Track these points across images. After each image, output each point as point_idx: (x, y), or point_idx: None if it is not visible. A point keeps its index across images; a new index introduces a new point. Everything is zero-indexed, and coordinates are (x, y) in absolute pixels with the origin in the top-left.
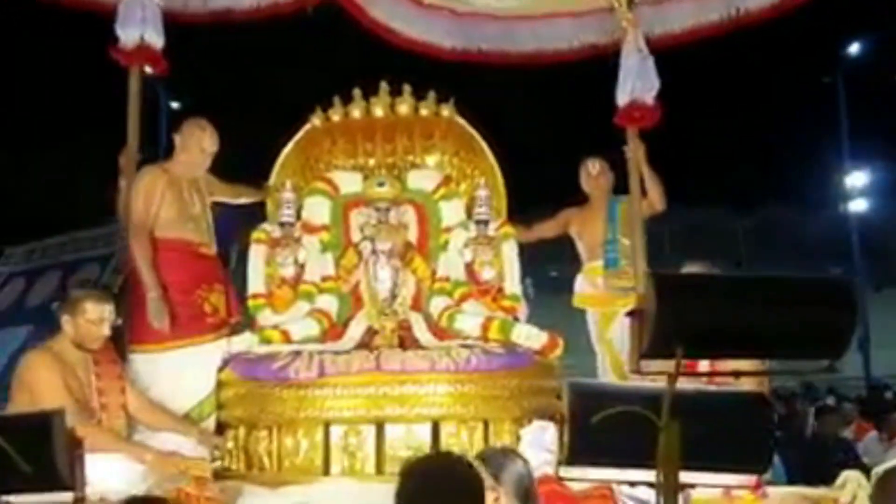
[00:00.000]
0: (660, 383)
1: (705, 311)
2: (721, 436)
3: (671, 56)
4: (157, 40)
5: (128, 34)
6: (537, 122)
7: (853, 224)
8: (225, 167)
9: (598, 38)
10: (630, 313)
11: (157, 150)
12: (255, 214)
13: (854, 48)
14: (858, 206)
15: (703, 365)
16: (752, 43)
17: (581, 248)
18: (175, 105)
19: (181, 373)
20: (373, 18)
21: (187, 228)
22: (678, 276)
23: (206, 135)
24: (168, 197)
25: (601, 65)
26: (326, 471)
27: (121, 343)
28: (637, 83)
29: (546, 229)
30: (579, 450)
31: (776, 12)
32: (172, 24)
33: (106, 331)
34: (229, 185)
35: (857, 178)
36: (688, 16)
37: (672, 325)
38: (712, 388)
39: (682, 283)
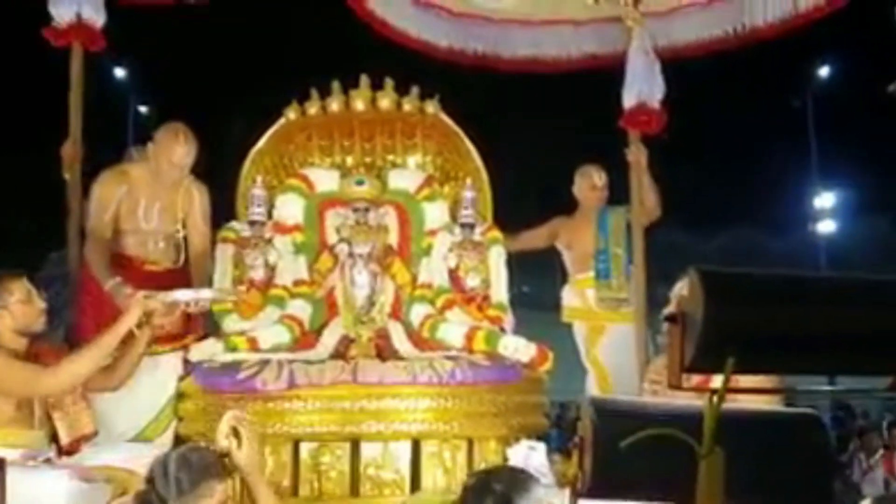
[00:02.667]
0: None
1: (765, 315)
2: (771, 465)
3: None
4: (96, 17)
5: (61, 11)
6: (519, 127)
7: (821, 245)
8: (201, 168)
9: (598, 48)
10: (669, 318)
11: (123, 156)
12: (224, 213)
13: (823, 71)
14: (827, 227)
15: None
16: (722, 64)
17: (569, 259)
18: (143, 109)
19: (131, 385)
20: (369, 10)
21: (129, 243)
22: (731, 274)
23: (177, 144)
24: (124, 207)
25: (589, 72)
26: (295, 492)
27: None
28: (644, 86)
29: (533, 239)
30: (602, 480)
31: (782, 29)
32: (143, 24)
33: (41, 304)
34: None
35: (825, 200)
36: (694, 29)
37: (723, 331)
38: (759, 407)
39: (737, 282)
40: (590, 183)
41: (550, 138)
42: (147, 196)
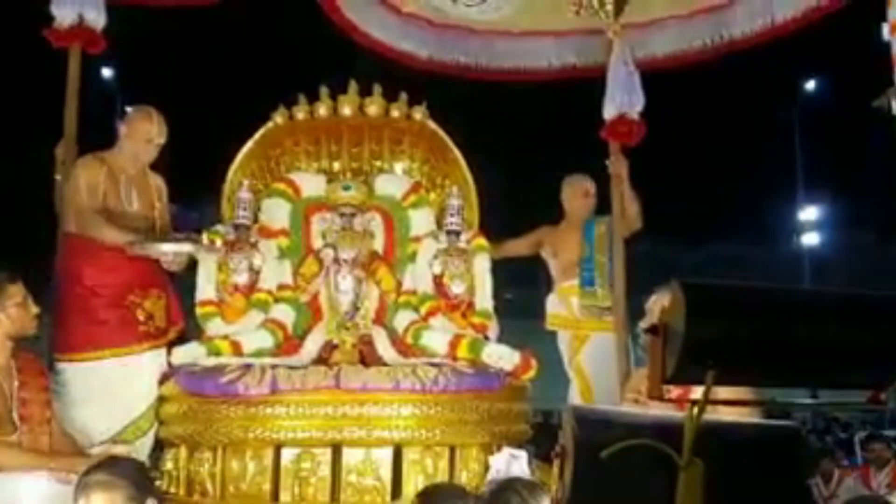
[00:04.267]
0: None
1: (746, 328)
2: (749, 477)
3: None
4: (97, 19)
5: (63, 12)
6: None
7: (805, 257)
8: (186, 170)
9: (578, 58)
10: (650, 329)
11: None
12: (209, 215)
13: (810, 85)
14: (811, 239)
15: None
16: (709, 76)
17: (554, 267)
18: (130, 109)
19: (113, 385)
20: (348, 20)
21: (118, 226)
22: (713, 286)
23: (153, 126)
24: (104, 191)
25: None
26: (275, 498)
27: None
28: (625, 97)
29: (518, 247)
30: (584, 490)
31: (759, 41)
32: (131, 23)
33: (35, 308)
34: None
35: (809, 212)
36: (671, 40)
37: (704, 343)
38: (739, 419)
39: (718, 294)
40: (581, 191)
41: (533, 149)
42: (124, 180)
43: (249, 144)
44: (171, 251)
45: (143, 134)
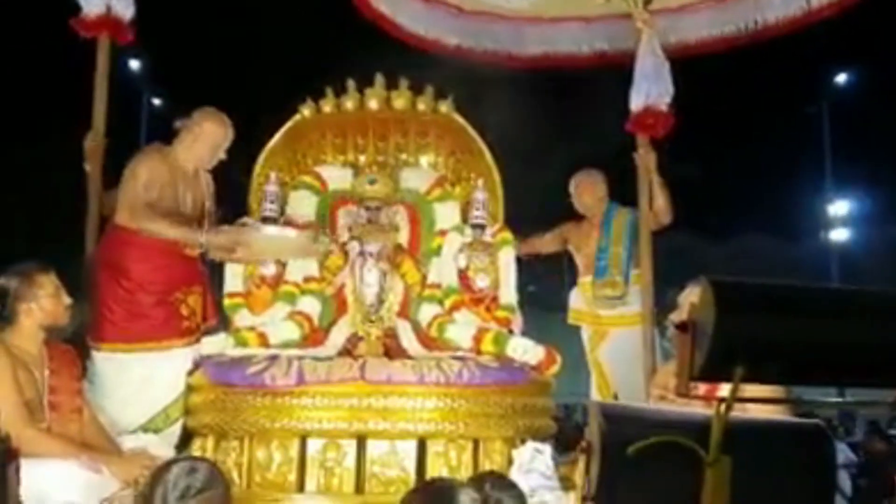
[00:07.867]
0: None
1: (776, 326)
2: (776, 475)
3: None
4: (124, 10)
5: (91, 2)
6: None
7: (834, 253)
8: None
9: (609, 45)
10: (680, 325)
11: (137, 148)
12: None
13: (839, 78)
14: (840, 235)
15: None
16: (738, 69)
17: (578, 261)
18: (157, 101)
19: (147, 377)
20: (379, 12)
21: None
22: (742, 284)
23: (228, 129)
24: (164, 189)
25: (603, 71)
26: (301, 488)
27: (82, 346)
28: (652, 88)
29: (544, 243)
30: (611, 486)
31: (795, 27)
32: (158, 15)
33: (67, 299)
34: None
35: (838, 207)
36: (704, 26)
37: (733, 340)
38: (766, 417)
39: (748, 292)
40: (574, 189)
41: (562, 142)
42: (182, 180)
43: (276, 137)
44: (274, 235)
45: (217, 138)
